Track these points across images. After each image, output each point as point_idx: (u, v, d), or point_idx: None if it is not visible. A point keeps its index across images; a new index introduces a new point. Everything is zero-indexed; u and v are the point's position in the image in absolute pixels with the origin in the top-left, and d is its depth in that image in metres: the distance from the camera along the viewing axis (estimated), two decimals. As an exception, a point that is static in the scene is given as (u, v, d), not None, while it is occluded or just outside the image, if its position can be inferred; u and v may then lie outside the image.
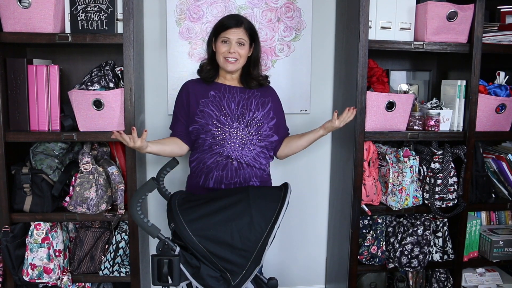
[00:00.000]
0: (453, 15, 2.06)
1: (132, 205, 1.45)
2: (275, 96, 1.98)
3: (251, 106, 1.86)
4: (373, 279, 2.35)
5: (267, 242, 1.43)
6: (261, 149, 1.87)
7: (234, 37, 1.79)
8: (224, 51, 1.80)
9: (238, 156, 1.81)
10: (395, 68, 2.45)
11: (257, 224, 1.45)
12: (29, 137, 1.94)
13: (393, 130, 2.13)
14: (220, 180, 1.80)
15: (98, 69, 1.99)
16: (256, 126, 1.84)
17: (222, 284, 1.46)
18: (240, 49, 1.81)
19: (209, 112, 1.82)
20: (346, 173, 2.23)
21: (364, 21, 2.00)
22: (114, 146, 2.13)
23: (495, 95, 2.19)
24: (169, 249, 1.44)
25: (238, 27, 1.80)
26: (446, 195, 2.17)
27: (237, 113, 1.84)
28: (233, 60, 1.81)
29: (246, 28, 1.82)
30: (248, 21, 1.85)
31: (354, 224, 2.15)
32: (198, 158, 1.85)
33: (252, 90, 1.90)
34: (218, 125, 1.81)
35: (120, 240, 2.05)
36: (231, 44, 1.79)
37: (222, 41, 1.80)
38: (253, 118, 1.84)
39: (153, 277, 1.44)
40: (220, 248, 1.43)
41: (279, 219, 1.45)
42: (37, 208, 1.97)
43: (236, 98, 1.86)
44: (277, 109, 1.96)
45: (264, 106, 1.89)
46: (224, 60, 1.82)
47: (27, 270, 1.94)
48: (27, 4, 1.82)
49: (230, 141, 1.80)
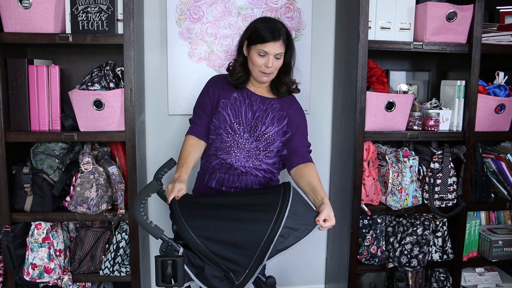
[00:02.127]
0: (453, 16, 2.06)
1: (135, 206, 1.45)
2: (296, 109, 1.83)
3: (266, 120, 1.76)
4: (373, 278, 2.35)
5: (272, 240, 1.41)
6: (267, 166, 1.79)
7: (272, 52, 1.67)
8: (261, 64, 1.69)
9: (240, 166, 1.77)
10: (394, 68, 2.46)
11: (259, 223, 1.43)
12: (30, 137, 1.94)
13: (392, 130, 2.13)
14: (221, 182, 1.79)
15: (99, 69, 1.99)
16: (266, 142, 1.76)
17: (226, 284, 1.46)
18: (277, 62, 1.70)
19: (225, 116, 1.75)
20: (346, 173, 2.24)
21: (363, 21, 2.00)
22: (115, 146, 2.13)
23: (495, 95, 2.20)
24: (172, 250, 1.43)
25: (277, 40, 1.67)
26: (445, 195, 2.17)
27: (251, 123, 1.76)
28: (269, 73, 1.72)
29: (284, 39, 1.69)
30: (285, 30, 1.71)
31: (354, 224, 2.15)
32: (207, 157, 1.83)
33: (272, 101, 1.80)
34: (229, 131, 1.75)
35: (121, 240, 2.06)
36: (269, 58, 1.68)
37: (259, 54, 1.69)
38: (264, 133, 1.75)
39: (157, 278, 1.44)
40: (223, 248, 1.43)
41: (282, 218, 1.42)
42: (37, 208, 1.98)
43: (254, 107, 1.77)
44: (294, 123, 1.81)
45: (280, 121, 1.78)
46: (260, 73, 1.72)
47: (27, 269, 1.94)
48: (27, 4, 1.82)
49: (237, 151, 1.76)
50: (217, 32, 2.31)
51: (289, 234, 1.44)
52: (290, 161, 1.80)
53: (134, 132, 1.96)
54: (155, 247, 2.39)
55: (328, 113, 2.51)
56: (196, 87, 2.30)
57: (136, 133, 1.98)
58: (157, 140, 2.37)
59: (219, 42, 2.32)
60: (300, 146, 1.81)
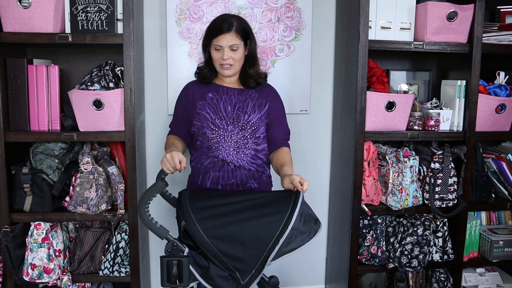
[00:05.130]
0: (453, 15, 2.06)
1: (140, 207, 1.45)
2: (274, 96, 1.90)
3: (247, 109, 1.82)
4: (373, 279, 2.35)
5: (278, 241, 1.41)
6: (257, 152, 1.85)
7: (225, 43, 1.74)
8: (218, 58, 1.77)
9: (233, 160, 1.80)
10: (395, 68, 2.45)
11: (269, 224, 1.43)
12: (29, 137, 1.94)
13: (393, 130, 2.13)
14: (216, 180, 1.81)
15: (98, 69, 1.99)
16: (251, 129, 1.81)
17: (231, 283, 1.46)
18: (234, 54, 1.76)
19: (205, 115, 1.81)
20: (346, 173, 2.23)
21: (364, 21, 2.00)
22: (114, 146, 2.13)
23: (495, 95, 2.19)
24: (178, 250, 1.43)
25: (228, 32, 1.73)
26: (446, 195, 2.17)
27: (232, 116, 1.81)
28: (228, 65, 1.78)
29: (237, 30, 1.75)
30: (239, 21, 1.78)
31: (354, 224, 2.15)
32: (197, 158, 1.86)
33: (249, 91, 1.86)
34: (213, 128, 1.79)
35: (120, 240, 2.05)
36: (223, 51, 1.75)
37: (215, 48, 1.77)
38: (248, 121, 1.81)
39: (162, 279, 1.44)
40: (231, 247, 1.43)
41: (292, 221, 1.42)
42: (37, 208, 1.97)
43: (233, 100, 1.83)
44: (274, 108, 1.88)
45: (261, 107, 1.84)
46: (220, 67, 1.79)
47: (27, 270, 1.94)
48: (27, 4, 1.82)
49: (225, 145, 1.79)
50: (217, 32, 2.30)
51: (296, 236, 1.45)
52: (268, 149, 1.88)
53: (133, 132, 1.96)
54: (155, 247, 2.38)
55: (328, 113, 2.51)
56: (196, 87, 2.30)
57: (136, 133, 1.97)
58: (157, 140, 2.37)
59: (219, 42, 2.31)
60: (277, 135, 1.87)
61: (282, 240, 1.41)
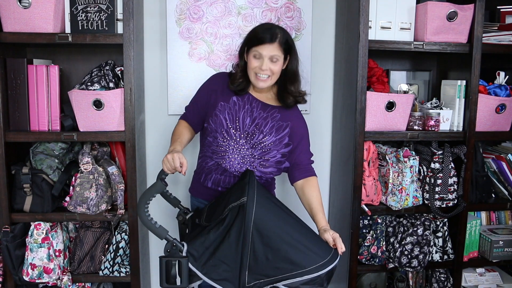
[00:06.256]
0: (453, 15, 2.06)
1: (140, 207, 1.45)
2: (298, 121, 1.81)
3: (265, 128, 1.74)
4: (373, 279, 2.35)
5: (303, 275, 1.45)
6: (262, 173, 1.78)
7: (266, 53, 1.66)
8: (255, 66, 1.68)
9: (235, 171, 1.77)
10: (395, 68, 2.45)
11: (309, 256, 1.48)
12: (29, 137, 1.94)
13: (393, 130, 2.13)
14: (217, 183, 1.81)
15: (98, 69, 1.99)
16: (262, 150, 1.74)
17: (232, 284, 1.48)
18: (273, 65, 1.68)
19: (221, 120, 1.73)
20: (346, 173, 2.23)
21: (364, 21, 2.00)
22: (114, 146, 2.13)
23: (495, 95, 2.19)
24: (177, 250, 1.43)
25: (272, 42, 1.65)
26: (446, 195, 2.17)
27: (248, 130, 1.74)
28: (265, 77, 1.69)
29: (281, 42, 1.67)
30: (283, 33, 1.70)
31: (354, 224, 2.15)
32: (203, 157, 1.85)
33: (273, 110, 1.77)
34: (225, 136, 1.74)
35: (120, 240, 2.05)
36: (263, 60, 1.66)
37: (254, 56, 1.68)
38: (260, 141, 1.73)
39: (161, 279, 1.44)
40: (262, 248, 1.44)
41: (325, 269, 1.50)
42: (37, 208, 1.97)
43: (254, 113, 1.75)
44: (297, 134, 1.79)
45: (279, 131, 1.75)
46: (255, 77, 1.71)
47: (27, 270, 1.94)
48: (27, 4, 1.82)
49: (231, 156, 1.75)
50: (217, 32, 2.30)
51: (313, 283, 1.49)
52: (292, 174, 1.81)
53: (133, 132, 1.96)
54: (155, 247, 2.38)
55: (328, 113, 2.51)
56: (196, 87, 2.26)
57: (136, 133, 1.97)
58: (157, 140, 2.36)
59: (219, 41, 2.31)
60: (303, 159, 1.80)
61: (306, 277, 1.44)
